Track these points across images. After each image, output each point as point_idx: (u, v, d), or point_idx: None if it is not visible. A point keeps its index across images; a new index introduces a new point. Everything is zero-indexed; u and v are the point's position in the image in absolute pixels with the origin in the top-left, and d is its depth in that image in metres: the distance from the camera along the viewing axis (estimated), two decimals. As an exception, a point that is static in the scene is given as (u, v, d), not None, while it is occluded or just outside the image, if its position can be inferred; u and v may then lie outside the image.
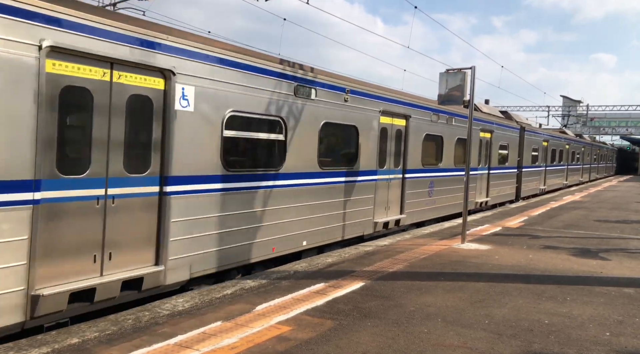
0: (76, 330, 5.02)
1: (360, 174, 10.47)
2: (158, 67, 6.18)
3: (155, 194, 6.32)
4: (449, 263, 8.61)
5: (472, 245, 10.37)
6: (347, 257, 8.88)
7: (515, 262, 8.88)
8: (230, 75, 7.25)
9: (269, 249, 8.17)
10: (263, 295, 6.39)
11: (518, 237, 11.63)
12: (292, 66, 8.57)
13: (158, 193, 6.35)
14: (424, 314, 5.87)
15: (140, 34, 5.98)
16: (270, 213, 8.16)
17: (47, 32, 5.03)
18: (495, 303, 6.42)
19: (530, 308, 6.25)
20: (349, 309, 5.93)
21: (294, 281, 7.15)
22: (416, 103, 12.59)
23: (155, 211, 6.33)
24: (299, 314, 5.69)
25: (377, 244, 10.27)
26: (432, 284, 7.18)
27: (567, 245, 10.77)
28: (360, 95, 10.36)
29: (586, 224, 14.38)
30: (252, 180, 7.75)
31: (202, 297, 6.25)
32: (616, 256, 9.78)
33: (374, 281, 7.26)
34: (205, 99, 6.85)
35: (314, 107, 9.05)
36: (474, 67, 10.20)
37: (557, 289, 7.14)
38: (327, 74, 9.55)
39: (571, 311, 6.19)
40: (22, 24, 4.86)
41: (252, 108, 7.67)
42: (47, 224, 5.19)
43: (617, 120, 63.51)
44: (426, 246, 10.17)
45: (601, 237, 12.10)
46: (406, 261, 8.67)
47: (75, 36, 5.29)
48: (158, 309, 5.76)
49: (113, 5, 15.69)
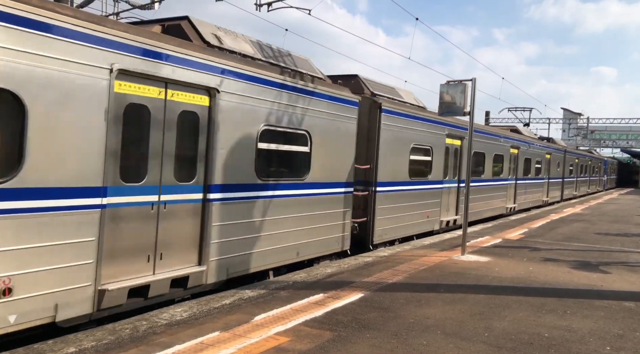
0: (73, 339, 4.99)
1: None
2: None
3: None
4: (449, 275, 8.58)
5: (472, 257, 10.34)
6: (347, 267, 8.85)
7: (516, 274, 8.85)
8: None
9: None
10: (262, 305, 6.37)
11: (518, 249, 11.60)
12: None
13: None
14: (423, 326, 5.84)
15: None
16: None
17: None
18: (495, 315, 6.38)
19: (530, 321, 6.22)
20: (347, 321, 5.90)
21: (293, 291, 7.13)
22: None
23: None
24: (298, 325, 5.66)
25: (377, 255, 10.25)
26: (431, 296, 7.14)
27: (568, 258, 10.73)
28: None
29: (587, 236, 14.35)
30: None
31: (201, 307, 6.22)
32: (617, 269, 9.75)
33: (374, 292, 7.23)
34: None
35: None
36: (474, 79, 10.25)
37: (557, 302, 7.11)
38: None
39: (571, 324, 6.15)
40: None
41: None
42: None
43: (617, 133, 63.62)
44: (426, 257, 10.14)
45: (602, 250, 12.07)
46: (406, 272, 8.64)
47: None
48: (156, 318, 5.73)
49: (116, 15, 15.79)
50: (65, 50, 5.23)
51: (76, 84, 5.34)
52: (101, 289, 5.68)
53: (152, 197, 6.32)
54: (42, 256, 5.13)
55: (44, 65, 5.05)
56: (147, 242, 6.25)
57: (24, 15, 4.90)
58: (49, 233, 5.19)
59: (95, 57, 5.52)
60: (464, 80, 10.31)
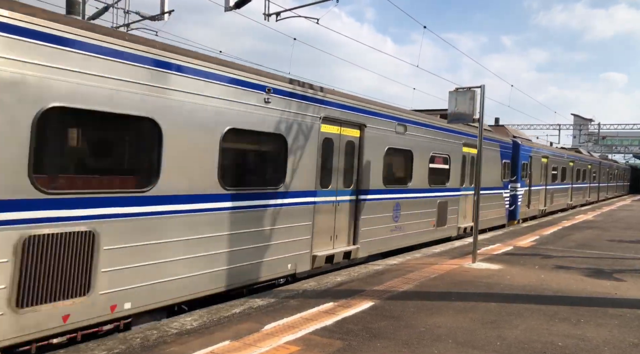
0: (84, 349, 5.01)
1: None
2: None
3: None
4: (460, 283, 8.51)
5: (483, 264, 10.26)
6: (357, 276, 8.81)
7: (527, 282, 8.76)
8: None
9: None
10: (272, 314, 6.35)
11: (530, 256, 11.49)
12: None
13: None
14: (434, 335, 5.79)
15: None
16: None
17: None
18: (507, 324, 6.32)
19: (542, 329, 6.14)
20: (358, 329, 5.87)
21: (303, 300, 7.11)
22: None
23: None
24: (308, 334, 5.64)
25: (387, 263, 10.20)
26: (442, 304, 7.09)
27: (580, 265, 10.61)
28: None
29: (599, 243, 14.19)
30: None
31: (211, 316, 6.22)
32: (631, 277, 9.62)
33: (384, 300, 7.20)
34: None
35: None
36: (483, 85, 10.23)
37: (570, 311, 7.02)
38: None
39: (585, 333, 6.07)
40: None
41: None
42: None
43: (629, 138, 62.94)
44: (437, 265, 10.08)
45: (615, 257, 11.92)
46: (416, 280, 8.59)
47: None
48: (166, 327, 5.74)
49: (126, 26, 15.97)
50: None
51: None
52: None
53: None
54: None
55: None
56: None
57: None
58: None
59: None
60: (473, 87, 10.29)
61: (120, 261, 5.71)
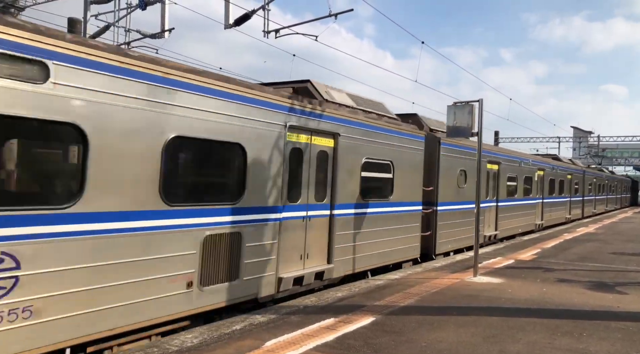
0: (84, 367, 4.98)
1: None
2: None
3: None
4: (461, 297, 8.48)
5: (484, 278, 10.22)
6: (357, 291, 8.78)
7: (529, 296, 8.72)
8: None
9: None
10: (272, 330, 6.33)
11: (531, 270, 11.45)
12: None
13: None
14: (435, 350, 5.75)
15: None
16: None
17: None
18: (508, 338, 6.28)
19: (545, 343, 6.11)
20: (359, 345, 5.83)
21: (304, 316, 7.08)
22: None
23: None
24: (309, 350, 5.61)
25: (388, 277, 10.17)
26: (444, 319, 7.05)
27: (582, 278, 10.57)
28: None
29: (601, 256, 14.13)
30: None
31: (211, 332, 6.19)
32: (634, 289, 9.57)
33: (385, 315, 7.16)
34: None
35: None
36: (481, 100, 10.29)
37: (572, 324, 6.98)
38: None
39: (588, 347, 6.03)
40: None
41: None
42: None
43: (629, 150, 63.05)
44: (437, 279, 10.04)
45: (617, 270, 11.87)
46: (417, 295, 8.56)
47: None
48: (167, 345, 5.71)
49: (127, 44, 16.13)
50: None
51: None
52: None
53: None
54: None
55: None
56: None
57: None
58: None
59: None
60: (471, 101, 10.35)
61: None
